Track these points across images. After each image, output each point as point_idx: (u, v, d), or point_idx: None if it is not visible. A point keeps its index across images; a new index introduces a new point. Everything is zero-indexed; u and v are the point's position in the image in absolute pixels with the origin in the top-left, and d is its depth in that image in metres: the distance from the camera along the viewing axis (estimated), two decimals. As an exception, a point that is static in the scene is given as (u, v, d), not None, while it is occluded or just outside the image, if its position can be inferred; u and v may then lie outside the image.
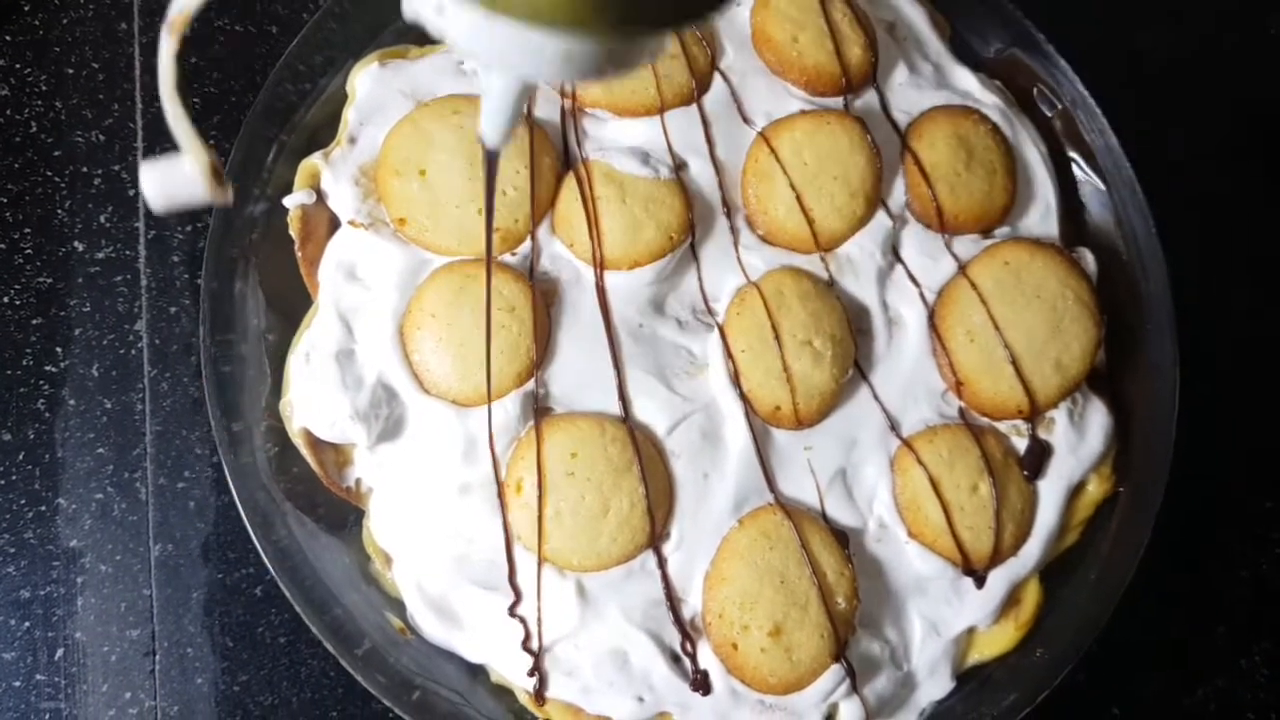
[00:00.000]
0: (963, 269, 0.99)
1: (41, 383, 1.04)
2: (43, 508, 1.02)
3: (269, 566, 0.90)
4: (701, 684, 0.87)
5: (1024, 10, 1.10)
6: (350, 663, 0.89)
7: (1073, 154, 1.10)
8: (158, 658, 1.00)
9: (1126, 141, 1.08)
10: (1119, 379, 1.03)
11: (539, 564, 0.87)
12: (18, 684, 0.99)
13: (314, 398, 0.89)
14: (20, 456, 1.02)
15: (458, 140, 0.93)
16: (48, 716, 0.98)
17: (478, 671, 0.92)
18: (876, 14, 1.06)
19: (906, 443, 0.94)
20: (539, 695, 0.88)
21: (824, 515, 0.92)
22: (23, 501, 1.02)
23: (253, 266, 0.95)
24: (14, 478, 1.02)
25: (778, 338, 0.92)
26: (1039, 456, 0.96)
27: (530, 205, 0.93)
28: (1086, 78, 1.09)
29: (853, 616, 0.89)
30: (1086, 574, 0.98)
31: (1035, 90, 1.11)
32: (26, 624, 1.00)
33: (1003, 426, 0.97)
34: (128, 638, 1.00)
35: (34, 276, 1.06)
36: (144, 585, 1.01)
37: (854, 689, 0.89)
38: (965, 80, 1.07)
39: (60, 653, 0.99)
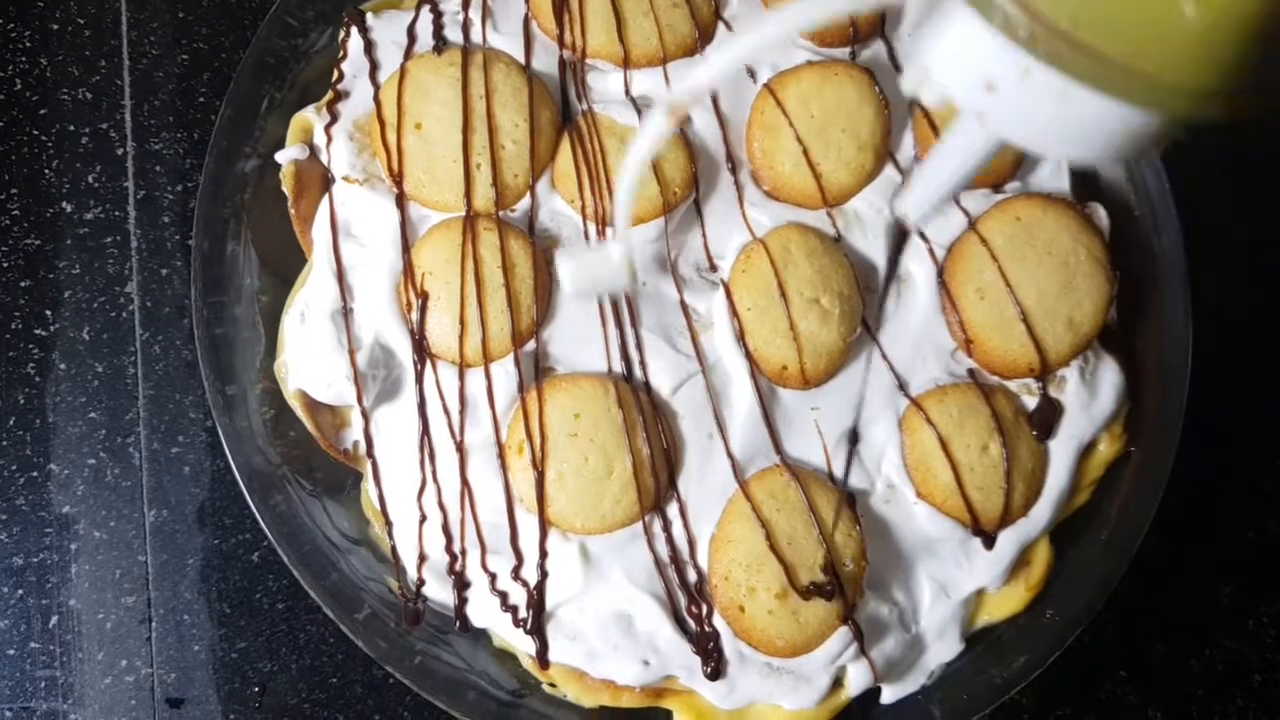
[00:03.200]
0: (973, 225, 0.97)
1: (31, 346, 1.02)
2: (34, 473, 1.00)
3: (266, 532, 0.88)
4: (708, 647, 0.86)
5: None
6: (350, 628, 0.88)
7: (1084, 107, 1.08)
8: (154, 625, 0.99)
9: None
10: (1131, 336, 1.01)
11: (541, 526, 0.85)
12: (11, 652, 0.97)
13: (310, 358, 0.87)
14: (10, 421, 1.00)
15: (453, 93, 0.90)
16: (43, 685, 0.97)
17: (480, 636, 0.90)
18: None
19: (915, 402, 0.92)
20: (542, 659, 0.86)
21: (831, 476, 0.91)
22: (14, 467, 1.00)
23: (245, 225, 0.93)
24: (4, 443, 1.00)
25: (784, 295, 0.90)
26: (1050, 415, 0.95)
27: (529, 160, 0.90)
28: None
29: (861, 578, 0.87)
30: (1097, 535, 0.97)
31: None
32: (20, 591, 0.98)
33: (1013, 385, 0.96)
34: (123, 605, 0.99)
35: (21, 238, 1.04)
36: (139, 551, 0.99)
37: (862, 651, 0.87)
38: (975, 31, 1.04)
39: (55, 620, 0.98)
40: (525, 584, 0.85)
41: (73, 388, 1.02)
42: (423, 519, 0.87)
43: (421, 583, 0.87)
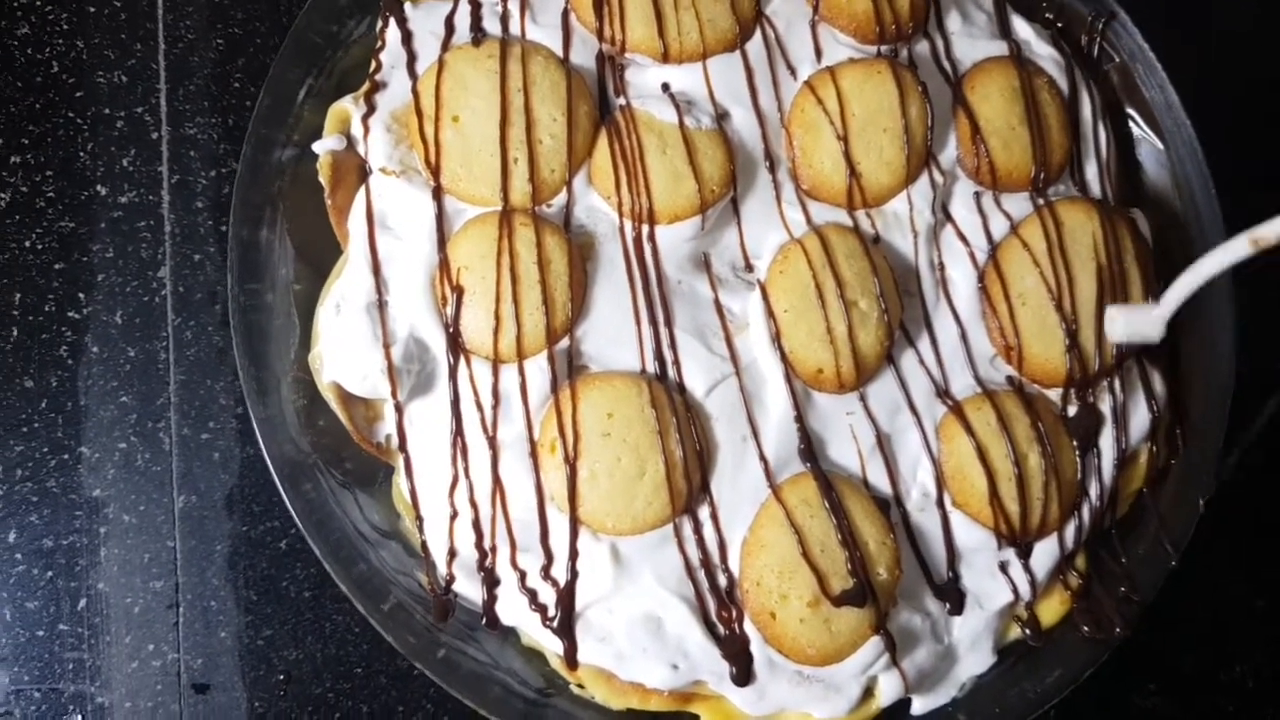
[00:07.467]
0: (1014, 228, 0.95)
1: (64, 329, 1.02)
2: (65, 456, 1.00)
3: (296, 520, 0.88)
4: (737, 653, 0.85)
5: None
6: (377, 619, 0.87)
7: (1129, 110, 1.06)
8: (181, 610, 0.99)
9: (1185, 97, 1.03)
10: (1174, 345, 0.99)
11: (572, 525, 0.85)
12: (41, 633, 0.97)
13: (344, 351, 0.87)
14: (43, 404, 1.01)
15: (491, 86, 0.89)
16: (71, 666, 0.97)
17: (509, 633, 0.90)
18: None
19: (954, 409, 0.91)
20: (570, 659, 0.86)
21: (866, 482, 0.89)
22: (45, 449, 1.00)
23: (281, 214, 0.92)
24: (36, 425, 1.00)
25: (821, 297, 0.89)
26: (1090, 426, 0.93)
27: (567, 155, 0.89)
28: (1145, 30, 1.04)
29: (894, 588, 0.86)
30: (1135, 548, 0.95)
31: (1092, 42, 1.06)
32: (50, 573, 0.98)
33: (1053, 394, 0.94)
34: (151, 589, 0.99)
35: (56, 220, 1.03)
36: (168, 537, 0.99)
37: (894, 661, 0.86)
38: (1021, 30, 1.02)
39: (83, 603, 0.98)
40: (555, 583, 0.85)
41: (105, 371, 1.02)
42: (454, 515, 0.86)
43: (451, 578, 0.87)
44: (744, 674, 0.85)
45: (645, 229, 0.90)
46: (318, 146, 0.91)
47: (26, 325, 1.01)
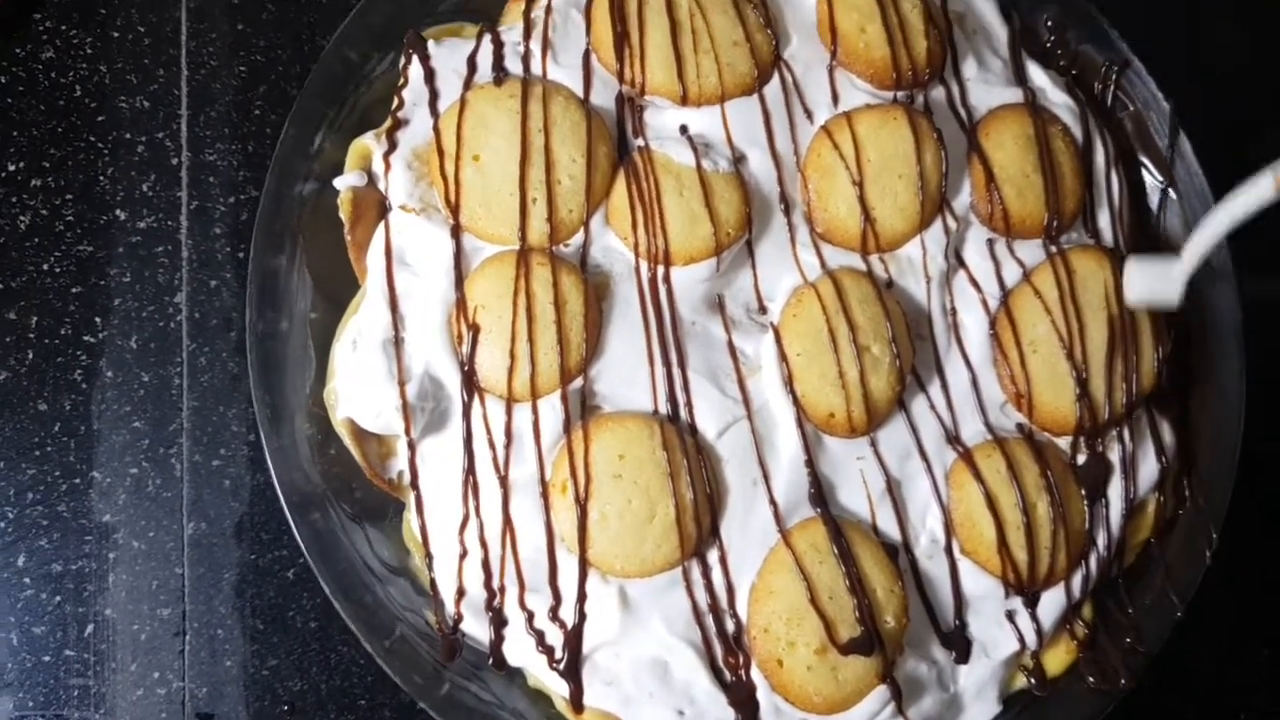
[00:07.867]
0: (1027, 276, 0.96)
1: (79, 353, 1.02)
2: (77, 480, 1.00)
3: (303, 550, 0.88)
4: (744, 700, 0.85)
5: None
6: (380, 654, 0.87)
7: (1143, 158, 1.07)
8: (188, 638, 0.99)
9: (1198, 146, 1.04)
10: (1183, 396, 1.00)
11: (581, 567, 0.85)
12: (47, 659, 0.98)
13: (360, 388, 0.87)
14: (56, 428, 1.01)
15: (512, 125, 0.90)
16: (76, 693, 0.97)
17: (515, 674, 0.90)
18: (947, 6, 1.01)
19: (963, 456, 0.91)
20: (576, 702, 0.86)
21: (875, 528, 0.90)
22: (57, 473, 1.00)
23: (300, 247, 0.92)
24: (49, 449, 1.01)
25: (834, 341, 0.89)
26: (1099, 475, 0.93)
27: (585, 195, 0.90)
28: (1159, 79, 1.05)
29: (901, 636, 0.86)
30: (1142, 598, 0.95)
31: (1107, 90, 1.07)
32: (58, 598, 0.99)
33: (1062, 442, 0.94)
34: (158, 616, 0.99)
35: (74, 244, 1.04)
36: (176, 564, 1.00)
37: (899, 710, 0.86)
38: (1036, 77, 1.03)
39: (90, 629, 0.98)
40: (563, 625, 0.85)
41: (118, 396, 1.02)
42: (463, 553, 0.86)
43: (459, 617, 0.87)
44: (751, 721, 0.85)
45: (661, 270, 0.90)
46: (339, 182, 0.92)
47: (42, 348, 1.02)
